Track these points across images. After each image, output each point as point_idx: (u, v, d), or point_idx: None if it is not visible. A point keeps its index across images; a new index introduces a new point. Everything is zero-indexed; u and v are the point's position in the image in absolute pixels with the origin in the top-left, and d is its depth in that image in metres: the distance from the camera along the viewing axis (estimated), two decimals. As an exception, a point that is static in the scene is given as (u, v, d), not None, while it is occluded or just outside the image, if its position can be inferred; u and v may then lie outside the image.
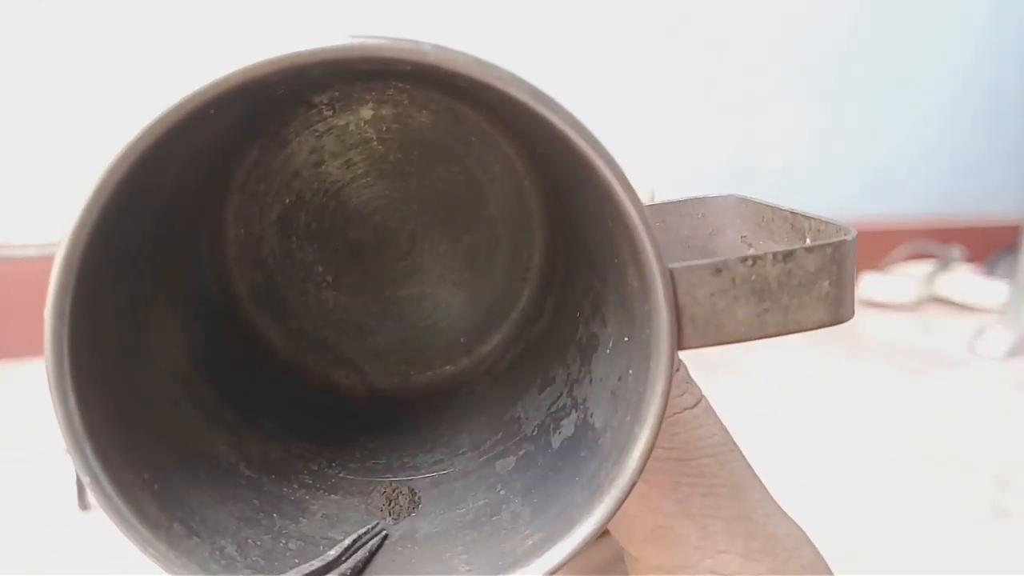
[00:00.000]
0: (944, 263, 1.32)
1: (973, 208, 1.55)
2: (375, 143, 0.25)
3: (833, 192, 1.39)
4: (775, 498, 0.22)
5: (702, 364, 0.22)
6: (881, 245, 1.36)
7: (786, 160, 1.33)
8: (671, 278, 0.15)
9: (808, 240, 0.19)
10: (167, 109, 0.14)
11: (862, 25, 1.35)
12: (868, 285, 1.26)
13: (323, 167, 0.26)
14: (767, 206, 0.21)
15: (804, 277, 0.16)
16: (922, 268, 1.31)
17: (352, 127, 0.25)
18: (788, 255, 0.16)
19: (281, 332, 0.27)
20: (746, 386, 0.87)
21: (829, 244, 0.16)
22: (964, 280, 1.29)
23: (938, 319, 1.23)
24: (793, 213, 0.20)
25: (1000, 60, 1.52)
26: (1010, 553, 0.56)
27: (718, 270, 0.16)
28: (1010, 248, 1.22)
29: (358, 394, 0.27)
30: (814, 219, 0.19)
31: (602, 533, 0.23)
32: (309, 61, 0.14)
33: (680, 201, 0.23)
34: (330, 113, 0.24)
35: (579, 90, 1.13)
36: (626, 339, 0.18)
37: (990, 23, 1.48)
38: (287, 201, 0.26)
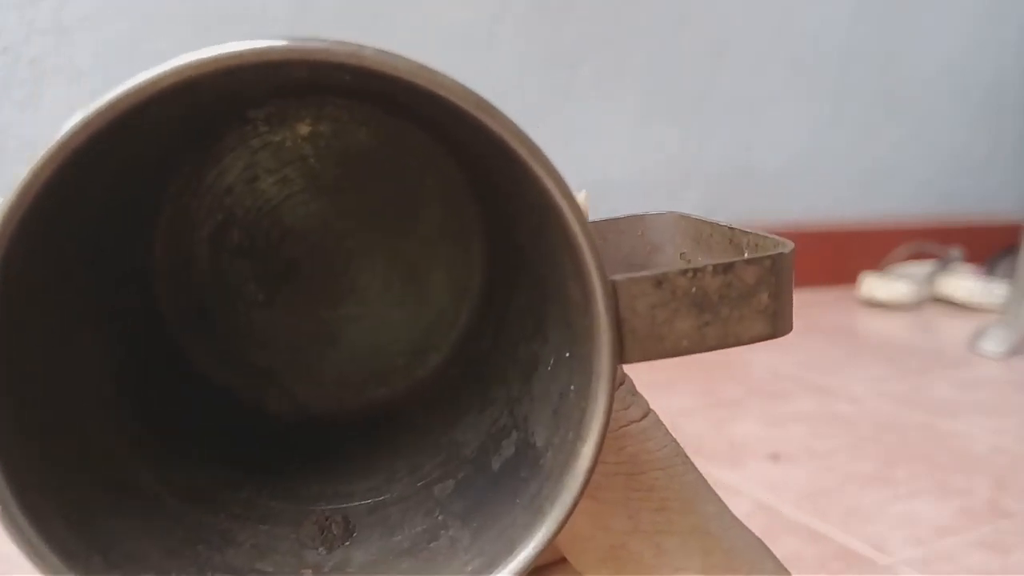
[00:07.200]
0: (944, 263, 1.31)
1: (973, 208, 1.55)
2: (312, 160, 0.25)
3: (833, 192, 1.38)
4: (734, 514, 0.21)
5: (700, 364, 0.22)
6: (881, 245, 1.36)
7: (786, 160, 1.33)
8: (613, 290, 0.15)
9: (747, 255, 0.19)
10: (99, 106, 0.13)
11: (862, 25, 1.35)
12: (868, 285, 1.26)
13: (257, 184, 0.25)
14: (706, 223, 0.21)
15: (743, 289, 0.16)
16: (922, 268, 1.31)
17: (288, 143, 0.24)
18: (728, 267, 0.16)
19: (210, 354, 0.25)
20: (744, 386, 0.87)
21: (767, 256, 0.16)
22: (964, 280, 1.28)
23: (938, 319, 1.23)
24: (732, 229, 0.20)
25: (1000, 59, 1.51)
26: (1010, 553, 0.56)
27: (659, 282, 0.16)
28: (1010, 248, 1.21)
29: (290, 419, 0.26)
30: (752, 234, 0.19)
31: (557, 561, 0.22)
32: (248, 62, 0.14)
33: (619, 219, 0.23)
34: (266, 129, 0.24)
35: (578, 90, 1.13)
36: (567, 355, 0.18)
37: (990, 22, 1.48)
38: (219, 218, 0.25)
